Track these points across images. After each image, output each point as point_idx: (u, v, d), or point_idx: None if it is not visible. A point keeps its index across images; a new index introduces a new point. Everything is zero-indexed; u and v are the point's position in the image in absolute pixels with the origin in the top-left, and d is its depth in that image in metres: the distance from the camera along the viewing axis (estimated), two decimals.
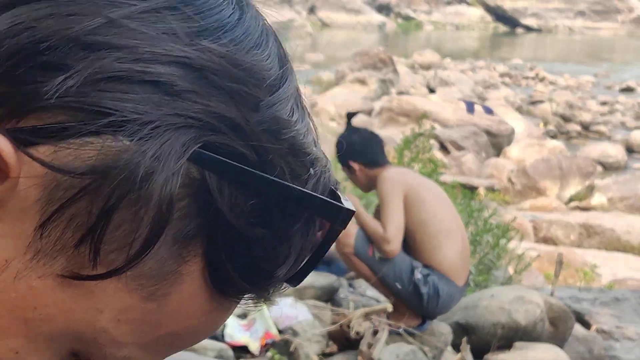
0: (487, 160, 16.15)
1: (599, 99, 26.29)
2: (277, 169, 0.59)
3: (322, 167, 0.65)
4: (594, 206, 13.67)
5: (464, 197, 7.34)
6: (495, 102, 22.21)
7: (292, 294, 5.01)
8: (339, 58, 30.70)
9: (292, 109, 0.64)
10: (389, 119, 18.01)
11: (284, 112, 0.62)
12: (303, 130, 0.64)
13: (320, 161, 0.65)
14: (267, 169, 0.58)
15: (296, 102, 0.66)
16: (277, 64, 0.67)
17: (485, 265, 6.75)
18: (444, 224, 4.94)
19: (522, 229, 10.45)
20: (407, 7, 65.10)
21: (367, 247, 4.85)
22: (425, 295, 4.82)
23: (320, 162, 0.65)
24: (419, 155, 7.52)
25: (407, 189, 4.89)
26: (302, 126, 0.64)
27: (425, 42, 49.79)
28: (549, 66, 34.97)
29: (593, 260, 9.59)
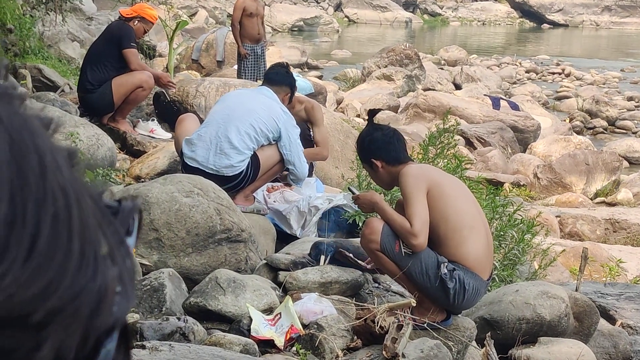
0: (513, 155, 16.11)
1: (625, 94, 26.13)
2: None
3: (67, 318, 0.51)
4: (620, 201, 13.62)
5: (489, 193, 7.34)
6: (522, 97, 22.11)
7: (317, 289, 5.05)
8: (366, 54, 30.66)
9: None
10: (415, 115, 18.01)
11: None
12: None
13: (64, 309, 0.51)
14: None
15: None
16: None
17: (510, 261, 6.75)
18: (467, 219, 4.96)
19: (548, 224, 10.44)
20: (434, 4, 64.89)
21: (393, 243, 4.88)
22: (451, 290, 4.84)
23: (64, 311, 0.51)
24: (444, 151, 7.53)
25: (430, 184, 4.91)
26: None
27: (452, 38, 49.65)
28: (575, 62, 34.77)
29: (619, 255, 9.57)
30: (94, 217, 0.55)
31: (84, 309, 0.51)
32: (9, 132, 0.52)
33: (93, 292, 0.52)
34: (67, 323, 0.50)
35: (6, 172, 0.50)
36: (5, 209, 0.49)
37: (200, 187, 5.40)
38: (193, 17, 33.87)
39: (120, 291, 0.55)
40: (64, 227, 0.52)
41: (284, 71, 7.37)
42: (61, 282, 0.50)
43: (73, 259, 0.51)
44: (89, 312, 0.52)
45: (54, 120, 0.57)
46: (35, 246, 0.50)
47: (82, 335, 0.51)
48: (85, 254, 0.52)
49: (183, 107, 9.43)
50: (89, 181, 0.58)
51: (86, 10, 19.29)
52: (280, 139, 6.76)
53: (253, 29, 13.49)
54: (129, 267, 0.57)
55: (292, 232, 6.96)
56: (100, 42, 9.10)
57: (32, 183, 0.51)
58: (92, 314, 0.52)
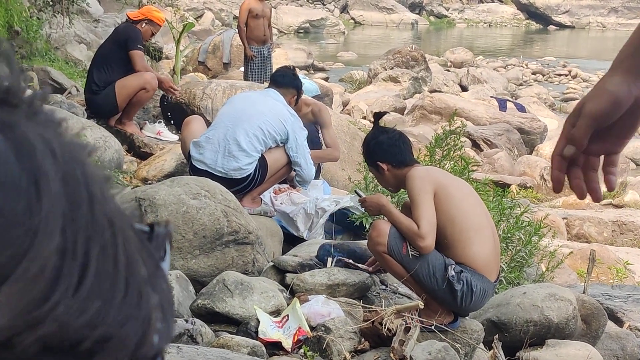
0: (520, 157, 16.09)
1: None
2: None
3: (114, 347, 0.52)
4: (627, 203, 13.59)
5: (496, 195, 7.33)
6: (528, 99, 22.09)
7: (325, 291, 5.05)
8: (372, 56, 30.66)
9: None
10: (422, 117, 18.01)
11: None
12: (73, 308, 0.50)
13: (111, 338, 0.52)
14: None
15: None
16: None
17: (517, 263, 6.75)
18: (474, 221, 4.96)
19: (555, 226, 10.43)
20: (440, 5, 64.88)
21: (401, 245, 4.88)
22: (459, 292, 4.84)
23: (111, 340, 0.52)
24: (450, 153, 7.53)
25: (436, 186, 4.91)
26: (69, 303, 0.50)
27: (458, 40, 49.63)
28: (581, 63, 34.75)
29: (626, 257, 9.55)
30: (135, 246, 0.57)
31: (130, 338, 0.53)
32: (61, 166, 0.53)
33: (138, 321, 0.53)
34: (114, 352, 0.51)
35: (59, 205, 0.51)
36: (57, 239, 0.50)
37: (208, 189, 5.41)
38: (199, 19, 33.90)
39: (161, 319, 0.56)
40: (110, 257, 0.53)
41: (291, 74, 7.38)
42: (109, 312, 0.51)
43: (119, 289, 0.53)
44: (135, 342, 0.53)
45: (90, 145, 0.58)
46: (85, 276, 0.51)
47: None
48: (130, 283, 0.54)
49: (190, 109, 9.43)
50: (126, 207, 0.59)
51: (93, 12, 19.32)
52: (288, 141, 6.77)
53: (259, 31, 13.52)
54: (167, 293, 0.58)
55: (299, 234, 6.96)
56: (108, 44, 9.13)
57: (82, 215, 0.52)
58: (137, 344, 0.53)
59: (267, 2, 13.92)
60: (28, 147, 0.52)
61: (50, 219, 0.50)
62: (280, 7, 47.81)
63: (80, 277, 0.51)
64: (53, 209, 0.51)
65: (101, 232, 0.53)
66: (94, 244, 0.52)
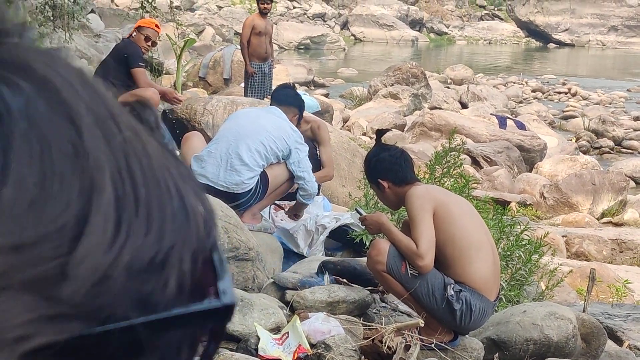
0: (520, 175, 16.10)
1: (632, 114, 26.11)
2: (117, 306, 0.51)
3: (180, 250, 0.55)
4: (626, 221, 13.60)
5: (496, 213, 7.33)
6: (528, 117, 22.11)
7: (325, 309, 5.05)
8: (372, 73, 30.71)
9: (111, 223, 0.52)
10: (422, 134, 18.02)
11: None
12: (139, 237, 0.53)
13: (175, 243, 0.55)
14: None
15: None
16: None
17: (517, 281, 6.74)
18: (474, 239, 4.96)
19: (555, 244, 10.42)
20: (440, 22, 65.02)
21: (400, 264, 4.88)
22: (458, 311, 4.84)
23: (176, 245, 0.55)
24: (450, 171, 7.53)
25: (436, 204, 4.92)
26: (136, 228, 0.53)
27: (458, 57, 49.71)
28: (581, 81, 34.81)
29: (625, 275, 9.54)
30: (160, 153, 0.59)
31: (189, 237, 0.56)
32: (86, 99, 0.55)
33: (189, 220, 0.56)
34: (181, 254, 0.55)
35: (99, 137, 0.54)
36: (108, 171, 0.53)
37: None
38: (200, 34, 33.97)
39: (201, 205, 0.59)
40: (149, 169, 0.56)
41: (293, 92, 7.41)
42: (165, 220, 0.55)
43: (165, 195, 0.56)
44: (194, 238, 0.56)
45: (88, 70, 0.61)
46: (138, 196, 0.54)
47: (195, 261, 0.56)
48: (169, 185, 0.57)
49: (191, 124, 9.44)
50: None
51: (94, 27, 19.37)
52: (290, 156, 6.77)
53: (261, 48, 13.56)
54: (193, 177, 0.61)
55: (299, 251, 6.96)
56: (109, 61, 9.16)
57: (116, 139, 0.55)
58: (196, 239, 0.57)
59: (269, 19, 13.97)
60: (52, 86, 0.54)
61: (97, 153, 0.53)
62: (281, 23, 47.91)
63: (135, 200, 0.54)
64: (96, 142, 0.53)
65: (134, 150, 0.56)
66: (134, 164, 0.55)
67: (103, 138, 0.54)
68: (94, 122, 0.54)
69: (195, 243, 0.57)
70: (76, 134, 0.52)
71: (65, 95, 0.54)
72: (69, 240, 0.50)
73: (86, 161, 0.52)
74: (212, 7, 50.87)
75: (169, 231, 0.55)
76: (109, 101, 0.58)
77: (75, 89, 0.55)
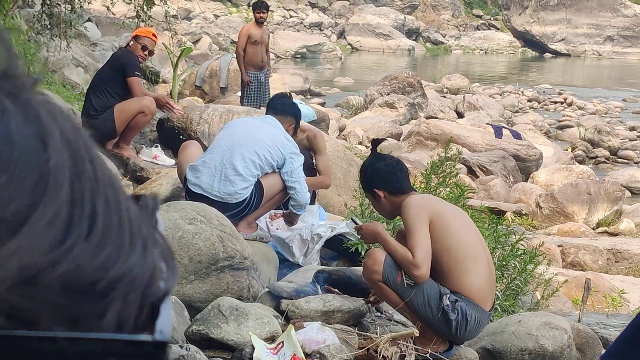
0: (515, 184, 16.11)
1: (628, 124, 26.15)
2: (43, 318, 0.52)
3: (126, 287, 0.56)
4: (622, 231, 13.61)
5: (491, 222, 7.33)
6: (524, 126, 22.15)
7: (320, 318, 5.04)
8: (368, 82, 30.72)
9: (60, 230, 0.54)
10: (418, 143, 18.04)
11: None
12: (86, 253, 0.55)
13: (122, 279, 0.56)
14: None
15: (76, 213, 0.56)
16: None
17: (512, 291, 6.74)
18: (470, 249, 4.96)
19: (550, 253, 10.43)
20: (436, 32, 65.08)
21: (396, 273, 4.88)
22: (454, 321, 4.84)
23: (122, 281, 0.56)
24: (446, 180, 7.53)
25: (432, 214, 4.92)
26: (83, 247, 0.55)
27: (454, 66, 49.76)
28: (577, 91, 34.86)
29: (621, 285, 9.54)
30: (133, 206, 0.62)
31: (139, 280, 0.58)
32: (63, 129, 0.59)
33: (145, 266, 0.59)
34: (126, 291, 0.56)
35: (65, 159, 0.57)
36: (67, 189, 0.55)
37: (204, 214, 5.41)
38: (197, 43, 33.98)
39: (165, 266, 0.61)
40: (115, 210, 0.59)
41: (290, 102, 7.41)
42: (119, 256, 0.57)
43: (125, 239, 0.58)
44: (144, 283, 0.58)
45: (72, 111, 0.64)
46: (94, 225, 0.56)
47: (139, 303, 0.58)
48: (134, 235, 0.59)
49: (187, 133, 9.44)
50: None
51: (91, 36, 19.36)
52: (283, 166, 6.78)
53: (257, 57, 13.57)
54: (167, 247, 0.63)
55: (295, 260, 6.96)
56: (105, 70, 9.16)
57: (86, 171, 0.58)
58: (146, 285, 0.58)
59: (265, 28, 13.98)
60: (33, 111, 0.57)
61: (59, 170, 0.55)
62: (278, 32, 47.97)
63: (90, 226, 0.56)
64: (60, 161, 0.56)
65: (104, 189, 0.59)
66: (99, 198, 0.58)
67: (71, 161, 0.57)
68: (65, 146, 0.57)
69: (143, 289, 0.58)
70: (43, 147, 0.55)
71: (44, 120, 0.57)
72: (8, 233, 0.52)
73: (46, 172, 0.55)
74: (209, 16, 50.89)
75: (119, 267, 0.56)
76: (88, 141, 0.61)
77: (54, 118, 0.58)
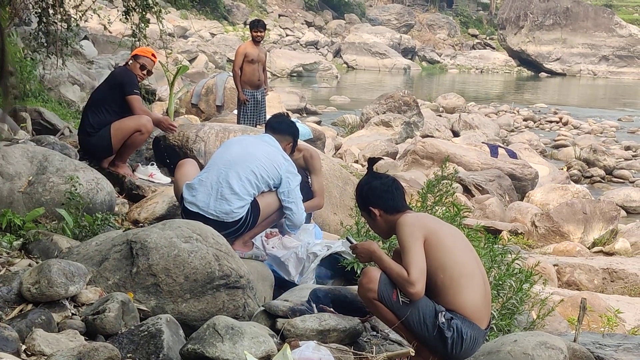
0: (511, 203, 16.13)
1: (623, 143, 26.23)
2: None
3: None
4: (617, 251, 13.60)
5: (487, 241, 7.33)
6: (519, 145, 22.19)
7: (316, 337, 5.03)
8: (364, 100, 30.80)
9: None
10: (413, 162, 18.06)
11: None
12: None
13: None
14: None
15: None
16: None
17: (508, 310, 6.73)
18: (465, 268, 4.96)
19: (546, 273, 10.42)
20: (432, 51, 65.27)
21: (391, 291, 4.88)
22: (449, 339, 4.83)
23: None
24: (442, 199, 7.54)
25: (426, 232, 4.93)
26: None
27: (450, 85, 49.90)
28: (572, 110, 34.96)
29: (616, 305, 9.52)
30: None
31: None
32: None
33: None
34: None
35: None
36: None
37: (199, 232, 5.40)
38: (193, 61, 34.05)
39: None
40: None
41: (288, 121, 7.42)
42: None
43: None
44: None
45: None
46: None
47: None
48: None
49: (183, 151, 9.44)
50: None
51: (87, 54, 19.41)
52: (280, 186, 6.78)
53: (253, 75, 13.60)
54: None
55: (290, 279, 6.95)
56: (104, 87, 9.14)
57: None
58: None
59: (262, 46, 14.01)
60: None
61: None
62: (274, 51, 48.10)
63: None
64: None
65: None
66: None
67: None
68: None
69: None
70: None
71: None
72: None
73: None
74: (205, 34, 51.03)
75: None
76: None
77: None
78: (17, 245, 5.98)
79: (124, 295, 4.73)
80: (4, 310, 4.52)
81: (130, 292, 4.97)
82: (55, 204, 6.76)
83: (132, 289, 5.04)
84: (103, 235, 5.77)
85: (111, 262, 5.19)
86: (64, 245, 5.97)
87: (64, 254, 5.55)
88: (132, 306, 4.75)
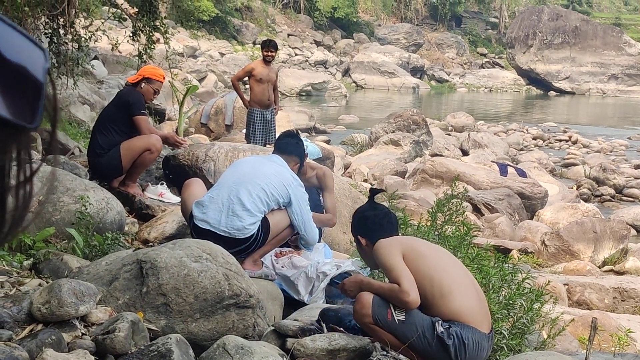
0: (521, 222, 16.10)
1: (633, 162, 26.18)
2: None
3: None
4: (628, 270, 13.56)
5: (497, 260, 7.32)
6: (529, 164, 22.18)
7: (326, 357, 5.02)
8: (373, 119, 30.83)
9: None
10: (423, 181, 18.05)
11: None
12: None
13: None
14: None
15: None
16: None
17: (518, 330, 6.71)
18: (452, 276, 5.03)
19: (556, 292, 10.39)
20: (441, 70, 65.36)
21: (385, 312, 4.89)
22: (451, 346, 4.85)
23: None
24: (452, 218, 7.53)
25: (403, 248, 5.05)
26: None
27: (459, 104, 49.92)
28: (582, 129, 34.96)
29: (627, 324, 9.49)
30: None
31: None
32: None
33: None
34: None
35: None
36: None
37: (209, 252, 5.40)
38: (202, 81, 34.15)
39: None
40: None
41: (294, 142, 7.45)
42: None
43: None
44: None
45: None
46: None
47: None
48: None
49: (193, 171, 9.45)
50: None
51: (97, 74, 19.47)
52: (291, 205, 6.81)
53: (263, 95, 13.62)
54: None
55: (300, 298, 6.95)
56: (111, 108, 9.14)
57: None
58: None
59: (272, 66, 14.00)
60: None
61: None
62: (283, 70, 48.20)
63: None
64: None
65: None
66: None
67: None
68: None
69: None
70: None
71: None
72: None
73: None
74: (215, 54, 51.19)
75: None
76: None
77: None
78: (27, 265, 5.98)
79: (134, 315, 4.73)
80: (14, 330, 4.52)
81: (140, 312, 4.97)
82: (66, 224, 6.77)
83: (142, 309, 5.04)
84: (113, 255, 5.78)
85: (121, 282, 5.19)
86: (74, 264, 5.97)
87: (74, 274, 5.55)
88: (142, 326, 4.75)
